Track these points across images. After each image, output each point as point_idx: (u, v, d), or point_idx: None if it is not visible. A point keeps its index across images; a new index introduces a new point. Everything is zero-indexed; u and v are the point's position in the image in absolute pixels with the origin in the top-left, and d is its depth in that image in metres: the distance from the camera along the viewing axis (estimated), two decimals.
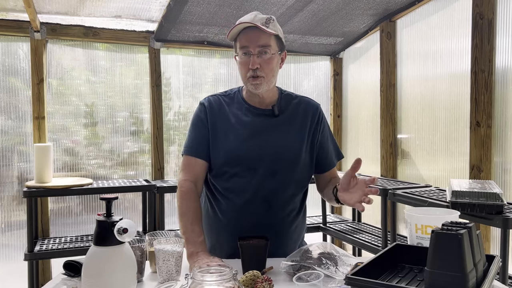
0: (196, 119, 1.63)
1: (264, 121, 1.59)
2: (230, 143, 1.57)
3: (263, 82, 1.53)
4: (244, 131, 1.58)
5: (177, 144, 3.44)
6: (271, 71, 1.53)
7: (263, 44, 1.50)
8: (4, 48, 2.97)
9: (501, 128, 2.33)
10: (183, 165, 1.62)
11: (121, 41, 3.23)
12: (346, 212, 3.80)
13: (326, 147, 1.67)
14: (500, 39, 2.32)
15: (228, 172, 1.57)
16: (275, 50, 1.54)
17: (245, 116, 1.60)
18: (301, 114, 1.63)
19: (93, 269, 1.11)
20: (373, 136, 3.38)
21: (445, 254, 0.96)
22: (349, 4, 2.82)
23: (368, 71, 3.46)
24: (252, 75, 1.52)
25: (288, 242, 1.61)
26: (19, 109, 3.01)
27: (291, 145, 1.58)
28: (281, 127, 1.59)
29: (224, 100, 1.64)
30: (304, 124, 1.62)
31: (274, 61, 1.54)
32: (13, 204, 3.00)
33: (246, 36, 1.51)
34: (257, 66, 1.50)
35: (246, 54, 1.52)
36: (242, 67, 1.54)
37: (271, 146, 1.56)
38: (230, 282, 0.98)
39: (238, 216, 1.57)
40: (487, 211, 1.84)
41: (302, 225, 1.70)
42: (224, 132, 1.59)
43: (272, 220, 1.57)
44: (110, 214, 1.14)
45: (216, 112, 1.61)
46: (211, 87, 3.52)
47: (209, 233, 1.64)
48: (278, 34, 1.53)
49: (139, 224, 3.07)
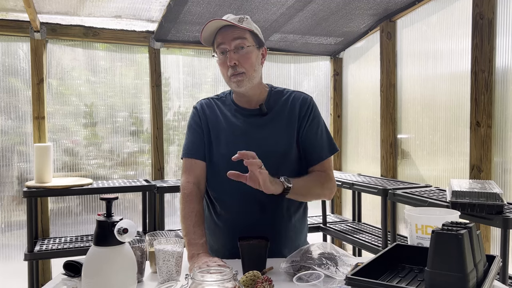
0: (191, 123, 1.65)
1: (252, 121, 1.59)
2: (220, 146, 1.58)
3: (244, 78, 1.52)
4: (233, 132, 1.58)
5: (177, 144, 3.44)
6: (251, 66, 1.52)
7: (238, 37, 1.50)
8: (4, 48, 2.97)
9: (501, 128, 2.33)
10: (184, 168, 1.62)
11: (121, 41, 3.23)
12: (346, 212, 3.80)
13: (313, 140, 1.60)
14: (500, 39, 2.32)
15: (221, 174, 1.55)
16: (251, 43, 1.53)
17: (234, 117, 1.60)
18: (289, 108, 1.61)
19: (93, 269, 1.10)
20: (373, 136, 3.38)
21: (445, 254, 0.96)
22: (349, 4, 2.82)
23: (368, 71, 3.46)
24: (232, 73, 1.51)
25: (287, 241, 1.60)
26: (19, 109, 3.01)
27: (279, 143, 1.57)
28: (269, 125, 1.58)
29: (215, 103, 1.66)
30: (292, 118, 1.59)
31: (253, 55, 1.52)
32: (13, 204, 2.99)
33: (221, 34, 1.52)
34: (235, 62, 1.49)
35: (224, 53, 1.52)
36: (222, 67, 1.55)
37: (259, 145, 1.53)
38: (230, 282, 0.98)
39: (235, 218, 1.57)
40: (487, 211, 1.84)
41: (302, 224, 1.67)
42: (216, 135, 1.60)
43: (268, 220, 1.56)
44: (110, 214, 1.14)
45: (208, 115, 1.63)
46: (211, 87, 3.52)
47: (208, 234, 1.63)
48: (253, 30, 1.53)
49: (139, 224, 3.07)
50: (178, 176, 3.42)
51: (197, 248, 1.43)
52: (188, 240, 1.46)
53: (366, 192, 2.80)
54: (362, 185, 2.80)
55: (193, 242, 1.44)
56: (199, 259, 1.37)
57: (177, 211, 3.39)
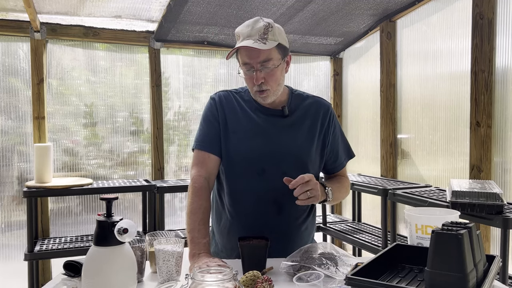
0: (208, 114, 1.61)
1: (274, 121, 1.58)
2: (239, 142, 1.56)
3: (269, 95, 1.53)
4: (253, 130, 1.56)
5: (177, 144, 3.44)
6: (275, 82, 1.52)
7: (265, 59, 1.48)
8: (4, 48, 2.97)
9: (501, 128, 2.33)
10: (196, 160, 1.58)
11: (121, 41, 3.23)
12: (346, 212, 3.80)
13: (336, 150, 1.67)
14: (500, 39, 2.32)
15: (236, 170, 1.55)
16: (278, 60, 1.50)
17: (254, 114, 1.59)
18: (312, 114, 1.62)
19: (93, 269, 1.10)
20: (373, 136, 3.38)
21: (445, 254, 0.96)
22: (349, 4, 2.82)
23: (368, 71, 3.46)
24: (258, 89, 1.51)
25: (298, 242, 1.60)
26: (19, 109, 3.01)
27: (300, 146, 1.57)
28: (291, 127, 1.58)
29: (234, 97, 1.63)
30: (315, 125, 1.61)
31: (278, 71, 1.52)
32: (13, 204, 2.99)
33: (246, 52, 1.49)
34: (262, 81, 1.49)
35: (249, 70, 1.51)
36: (248, 81, 1.55)
37: (280, 146, 1.55)
38: (230, 282, 0.98)
39: (249, 217, 1.55)
40: (487, 211, 1.84)
41: (312, 225, 1.69)
42: (233, 130, 1.57)
43: (283, 222, 1.56)
44: (110, 214, 1.14)
45: (226, 108, 1.60)
46: (211, 87, 3.52)
47: (220, 232, 1.63)
48: (279, 42, 1.49)
49: (139, 224, 3.07)
50: (178, 176, 3.42)
51: (199, 247, 1.41)
52: (191, 237, 1.44)
53: (366, 192, 2.80)
54: (362, 185, 2.80)
55: (196, 240, 1.43)
56: (200, 259, 1.36)
57: (177, 211, 3.39)
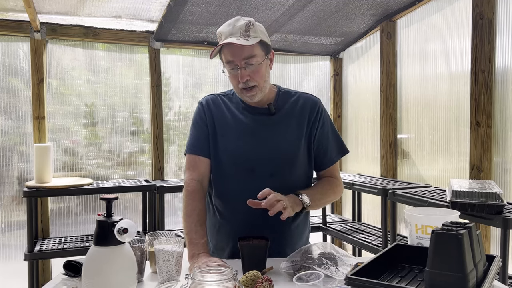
0: (196, 118, 1.64)
1: (261, 119, 1.59)
2: (227, 143, 1.57)
3: (257, 91, 1.53)
4: (241, 130, 1.58)
5: (177, 144, 3.44)
6: (261, 78, 1.52)
7: (248, 56, 1.48)
8: (4, 48, 2.97)
9: (501, 128, 2.33)
10: (188, 164, 1.61)
11: (121, 41, 3.23)
12: (346, 212, 3.80)
13: (326, 144, 1.64)
14: (500, 39, 2.32)
15: (226, 172, 1.57)
16: (261, 57, 1.51)
17: (242, 115, 1.60)
18: (299, 110, 1.61)
19: (93, 269, 1.11)
20: (373, 136, 3.38)
21: (445, 254, 0.96)
22: (349, 4, 2.82)
23: (368, 71, 3.46)
24: (244, 87, 1.51)
25: (290, 242, 1.61)
26: (19, 109, 3.01)
27: (288, 144, 1.57)
28: (278, 125, 1.59)
29: (222, 100, 1.64)
30: (302, 121, 1.60)
31: (263, 68, 1.52)
32: (13, 204, 3.00)
33: (230, 50, 1.49)
34: (247, 78, 1.50)
35: (233, 68, 1.51)
36: (232, 80, 1.54)
37: (268, 145, 1.55)
38: (230, 282, 0.98)
39: (238, 217, 1.56)
40: (487, 211, 1.84)
41: (304, 224, 1.69)
42: (222, 132, 1.59)
43: (273, 221, 1.56)
44: (110, 214, 1.14)
45: (214, 111, 1.62)
46: (211, 87, 3.52)
47: (210, 232, 1.64)
48: (260, 39, 1.50)
49: (139, 224, 3.07)
50: (178, 176, 3.42)
51: (198, 248, 1.42)
52: (189, 239, 1.46)
53: (366, 192, 2.80)
54: (362, 185, 2.80)
55: (194, 241, 1.44)
56: (199, 259, 1.37)
57: (177, 211, 3.39)
